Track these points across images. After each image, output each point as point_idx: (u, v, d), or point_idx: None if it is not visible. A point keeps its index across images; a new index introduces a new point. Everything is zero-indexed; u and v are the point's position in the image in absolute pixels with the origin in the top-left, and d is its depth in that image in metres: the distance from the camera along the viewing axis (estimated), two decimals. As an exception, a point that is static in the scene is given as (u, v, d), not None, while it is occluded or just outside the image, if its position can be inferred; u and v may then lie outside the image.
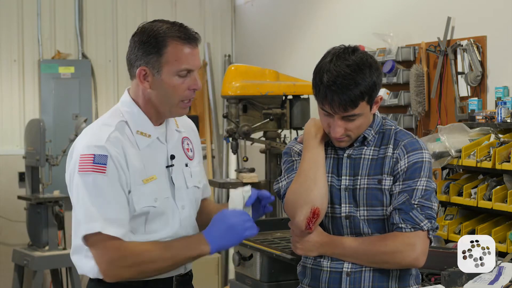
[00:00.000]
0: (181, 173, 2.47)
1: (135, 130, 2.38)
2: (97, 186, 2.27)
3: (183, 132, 2.54)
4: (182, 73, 2.34)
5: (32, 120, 6.11)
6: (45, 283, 6.36)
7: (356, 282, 2.37)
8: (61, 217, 5.92)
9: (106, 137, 2.31)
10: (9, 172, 6.55)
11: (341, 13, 5.62)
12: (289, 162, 2.47)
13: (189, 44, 2.34)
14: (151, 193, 2.37)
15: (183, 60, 2.34)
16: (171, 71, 2.34)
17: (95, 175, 2.27)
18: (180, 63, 2.33)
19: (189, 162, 2.51)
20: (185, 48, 2.34)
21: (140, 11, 7.02)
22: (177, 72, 2.34)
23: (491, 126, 3.85)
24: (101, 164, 2.28)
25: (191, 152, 2.55)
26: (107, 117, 2.43)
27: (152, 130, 2.41)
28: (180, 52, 2.33)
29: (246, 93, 5.02)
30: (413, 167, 2.33)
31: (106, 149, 2.29)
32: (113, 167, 2.29)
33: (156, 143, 2.42)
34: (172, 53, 2.33)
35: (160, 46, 2.32)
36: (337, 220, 2.39)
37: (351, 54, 2.30)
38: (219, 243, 2.35)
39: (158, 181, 2.39)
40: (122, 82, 6.97)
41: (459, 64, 4.33)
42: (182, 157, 2.50)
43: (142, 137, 2.39)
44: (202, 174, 2.59)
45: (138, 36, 2.36)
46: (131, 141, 2.36)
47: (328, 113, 2.32)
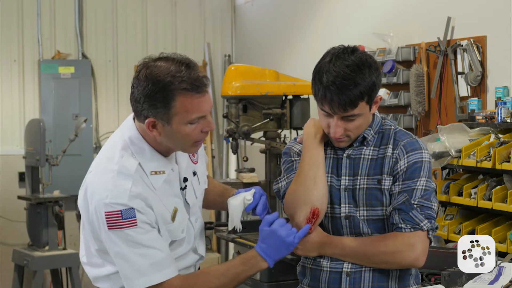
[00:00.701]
0: (191, 188, 2.47)
1: (149, 172, 2.32)
2: (134, 239, 2.25)
3: None
4: (194, 121, 2.27)
5: (32, 120, 6.11)
6: (45, 283, 6.36)
7: (356, 282, 2.37)
8: (61, 217, 5.92)
9: (127, 194, 2.25)
10: (9, 172, 6.55)
11: (341, 13, 5.62)
12: (288, 162, 2.47)
13: (198, 93, 2.24)
14: (179, 226, 2.39)
15: (193, 110, 2.25)
16: (182, 121, 2.26)
17: (128, 230, 2.25)
18: (190, 114, 2.25)
19: (195, 168, 2.51)
20: (194, 99, 2.24)
21: (140, 11, 7.03)
22: (188, 121, 2.26)
23: (491, 126, 3.85)
24: (130, 218, 2.25)
25: (196, 154, 2.53)
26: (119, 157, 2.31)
27: (165, 165, 2.36)
28: (189, 104, 2.23)
29: (246, 93, 5.01)
30: (413, 167, 2.33)
31: (129, 204, 2.25)
32: (142, 216, 2.26)
33: (170, 175, 2.39)
34: (181, 106, 2.23)
35: (167, 100, 2.22)
36: (336, 220, 2.39)
37: (351, 54, 2.29)
38: (275, 257, 2.37)
39: (179, 211, 2.39)
40: (122, 82, 6.98)
41: (459, 64, 4.33)
42: (190, 168, 2.49)
43: (157, 176, 2.34)
44: (205, 168, 2.60)
45: (142, 84, 2.24)
46: (147, 185, 2.31)
47: (328, 113, 2.31)
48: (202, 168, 2.57)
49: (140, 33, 7.02)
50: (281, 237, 2.34)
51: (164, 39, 7.10)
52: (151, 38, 7.07)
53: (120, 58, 6.96)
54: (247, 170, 5.35)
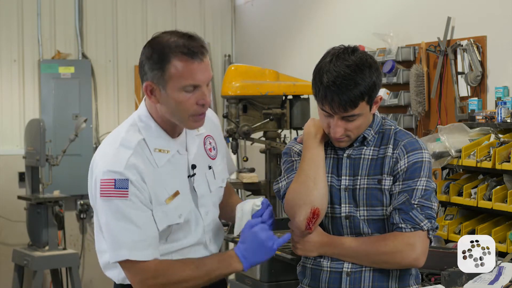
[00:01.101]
0: (203, 179, 2.46)
1: (153, 148, 2.34)
2: (121, 211, 2.27)
3: (204, 132, 2.51)
4: (188, 89, 2.27)
5: (32, 120, 6.11)
6: (45, 283, 6.36)
7: (356, 282, 2.37)
8: (61, 217, 5.92)
9: (124, 163, 2.28)
10: (9, 172, 6.55)
11: (341, 13, 5.62)
12: (289, 162, 2.47)
13: (193, 59, 2.26)
14: (175, 209, 2.36)
15: (187, 76, 2.26)
16: (176, 87, 2.27)
17: (118, 200, 2.27)
18: (184, 79, 2.26)
19: (212, 163, 2.50)
20: (189, 64, 2.26)
21: (140, 11, 7.03)
22: (182, 88, 2.27)
23: (491, 126, 3.85)
24: (122, 188, 2.26)
25: (214, 150, 2.53)
26: (125, 132, 2.36)
27: (171, 145, 2.38)
28: (183, 69, 2.25)
29: (246, 93, 5.02)
30: (413, 167, 2.33)
31: (124, 174, 2.27)
32: (135, 190, 2.27)
33: (176, 156, 2.39)
34: (176, 70, 2.25)
35: (163, 62, 2.26)
36: (337, 220, 2.39)
37: (351, 54, 2.29)
38: (252, 260, 2.36)
39: (181, 195, 2.38)
40: (122, 82, 6.98)
41: (459, 64, 4.33)
42: (205, 160, 2.48)
43: (161, 154, 2.35)
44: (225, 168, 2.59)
45: (146, 49, 2.31)
46: (149, 161, 2.33)
47: (328, 113, 2.31)
48: (220, 167, 2.55)
49: (140, 33, 7.02)
50: (261, 241, 2.34)
51: (164, 39, 7.09)
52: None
53: (120, 58, 6.96)
54: (247, 170, 5.35)
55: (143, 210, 2.29)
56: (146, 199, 2.30)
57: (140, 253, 2.28)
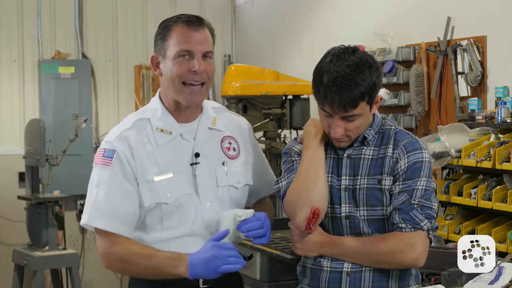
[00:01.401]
0: (210, 171, 2.47)
1: (155, 128, 2.44)
2: (100, 178, 2.40)
3: (224, 131, 2.55)
4: (183, 54, 2.39)
5: (32, 120, 6.11)
6: (45, 283, 6.35)
7: (356, 282, 2.37)
8: (61, 217, 5.92)
9: (117, 134, 2.42)
10: (9, 172, 6.55)
11: (341, 13, 5.62)
12: (289, 162, 2.47)
13: (189, 26, 2.40)
14: (163, 189, 2.39)
15: (182, 41, 2.39)
16: (172, 54, 2.39)
17: (101, 167, 2.40)
18: (179, 45, 2.39)
19: (227, 161, 2.52)
20: (185, 31, 2.40)
21: (140, 11, 7.03)
22: (177, 54, 2.39)
23: (491, 126, 3.85)
24: (108, 157, 2.40)
25: (234, 151, 2.55)
26: (134, 113, 2.52)
27: (175, 127, 2.46)
28: (180, 35, 2.40)
29: (246, 93, 5.02)
30: (413, 167, 2.33)
31: (114, 144, 2.40)
32: (118, 162, 2.38)
33: (179, 140, 2.46)
34: (173, 37, 2.40)
35: (165, 32, 2.42)
36: (337, 220, 2.39)
37: (351, 55, 2.30)
38: (196, 272, 2.33)
39: (174, 178, 2.41)
40: (122, 82, 6.98)
41: (459, 64, 4.33)
42: (218, 156, 2.51)
43: (163, 134, 2.44)
44: (247, 174, 2.57)
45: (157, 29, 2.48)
46: (148, 139, 2.43)
47: (328, 113, 2.32)
48: (239, 169, 2.54)
49: (140, 33, 7.02)
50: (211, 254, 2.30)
51: (164, 39, 7.09)
52: (151, 38, 7.01)
53: (120, 58, 6.96)
54: (247, 170, 5.34)
55: (122, 184, 2.38)
56: (129, 172, 2.38)
57: (101, 222, 2.37)
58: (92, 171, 2.44)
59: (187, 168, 2.45)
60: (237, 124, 2.62)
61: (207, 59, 2.43)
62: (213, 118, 2.55)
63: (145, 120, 2.46)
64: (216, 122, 2.55)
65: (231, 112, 2.67)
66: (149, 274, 2.38)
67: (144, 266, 2.36)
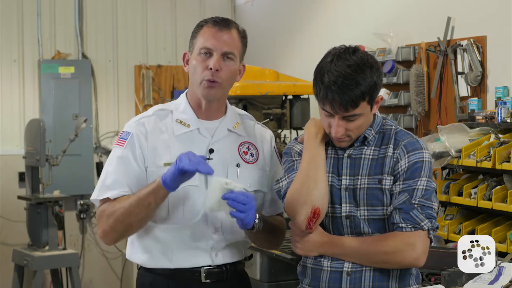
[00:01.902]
0: (222, 170, 2.50)
1: (175, 119, 2.53)
2: (112, 156, 2.51)
3: (244, 136, 2.60)
4: (203, 52, 2.46)
5: (32, 120, 6.11)
6: (45, 283, 6.35)
7: (356, 282, 2.37)
8: (61, 217, 5.92)
9: (136, 120, 2.54)
10: (9, 172, 6.54)
11: (341, 13, 5.62)
12: (289, 162, 2.47)
13: (215, 26, 2.48)
14: None
15: (206, 38, 2.47)
16: (197, 50, 2.48)
17: (116, 147, 2.52)
18: (203, 41, 2.47)
19: (243, 164, 2.55)
20: (211, 30, 2.47)
21: (140, 11, 7.03)
22: (199, 50, 2.47)
23: (491, 126, 3.85)
24: (123, 139, 2.51)
25: (252, 156, 2.59)
26: (159, 105, 2.62)
27: (194, 121, 2.53)
28: (206, 33, 2.48)
29: (246, 93, 5.01)
30: (414, 167, 2.33)
31: (131, 128, 2.51)
32: (132, 143, 2.48)
33: (195, 134, 2.52)
34: (201, 34, 2.49)
35: (196, 30, 2.52)
36: (337, 220, 2.39)
37: (352, 54, 2.30)
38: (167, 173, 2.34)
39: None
40: (122, 82, 6.98)
41: (459, 64, 4.33)
42: (233, 156, 2.54)
43: (181, 125, 2.52)
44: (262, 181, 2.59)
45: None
46: (167, 128, 2.52)
47: (329, 113, 2.32)
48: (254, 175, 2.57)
49: (140, 33, 7.02)
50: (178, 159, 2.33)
51: (164, 39, 7.10)
52: (151, 38, 7.07)
53: (120, 58, 6.96)
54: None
55: (131, 163, 2.46)
56: (139, 156, 2.47)
57: (106, 193, 2.46)
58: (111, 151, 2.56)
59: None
60: (260, 134, 2.66)
61: (227, 60, 2.48)
62: (235, 123, 2.60)
63: (167, 111, 2.56)
64: (238, 127, 2.59)
65: (257, 123, 2.71)
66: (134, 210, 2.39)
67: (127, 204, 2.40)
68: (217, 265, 2.53)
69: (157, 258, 2.51)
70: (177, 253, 2.49)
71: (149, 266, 2.54)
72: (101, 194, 2.48)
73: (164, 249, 2.50)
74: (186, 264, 2.50)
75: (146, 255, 2.53)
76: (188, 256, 2.50)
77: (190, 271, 2.50)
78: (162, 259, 2.51)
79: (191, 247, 2.50)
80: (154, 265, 2.53)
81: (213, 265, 2.52)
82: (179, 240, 2.49)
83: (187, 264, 2.50)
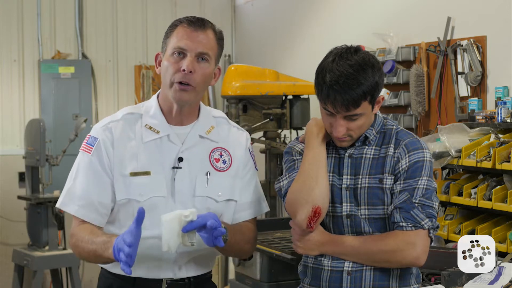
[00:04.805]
0: (191, 179, 2.42)
1: (144, 124, 2.43)
2: (79, 164, 2.43)
3: (218, 142, 2.49)
4: (176, 52, 2.37)
5: (32, 120, 6.11)
6: (45, 283, 6.36)
7: (357, 281, 2.37)
8: (61, 217, 5.92)
9: (104, 124, 2.44)
10: (9, 172, 6.55)
11: (341, 13, 5.62)
12: (290, 161, 2.47)
13: (190, 26, 2.39)
14: (137, 187, 2.37)
15: (179, 40, 2.38)
16: (170, 50, 2.39)
17: (83, 153, 2.44)
18: (176, 41, 2.38)
19: (213, 172, 2.45)
20: (186, 30, 2.38)
21: (140, 11, 7.03)
22: (172, 50, 2.38)
23: (491, 126, 3.85)
24: (90, 145, 2.42)
25: (224, 164, 2.48)
26: (130, 107, 2.52)
27: (164, 128, 2.43)
28: (179, 33, 2.39)
29: (246, 93, 5.02)
30: (414, 166, 2.34)
31: (98, 133, 2.42)
32: (98, 151, 2.40)
33: (165, 142, 2.43)
34: (174, 34, 2.40)
35: (170, 30, 2.42)
36: (338, 219, 2.40)
37: (354, 54, 2.30)
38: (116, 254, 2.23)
39: (152, 178, 2.38)
40: (122, 82, 6.98)
41: (459, 64, 4.33)
42: (203, 164, 2.45)
43: (150, 131, 2.43)
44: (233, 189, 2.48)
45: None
46: (135, 134, 2.42)
47: (330, 113, 2.32)
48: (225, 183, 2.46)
49: (140, 33, 7.03)
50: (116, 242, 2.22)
51: (164, 39, 7.10)
52: (151, 38, 7.08)
53: (120, 58, 6.96)
54: (247, 170, 5.34)
55: (98, 173, 2.39)
56: (106, 163, 2.39)
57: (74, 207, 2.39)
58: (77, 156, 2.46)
59: (168, 170, 2.41)
60: (236, 138, 2.55)
61: (201, 62, 2.38)
62: (209, 127, 2.49)
63: (137, 114, 2.46)
64: (211, 132, 2.49)
65: (234, 125, 2.60)
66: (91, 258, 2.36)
67: (87, 250, 2.34)
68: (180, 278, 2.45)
69: (117, 266, 2.27)
70: (138, 263, 2.28)
71: (111, 271, 2.47)
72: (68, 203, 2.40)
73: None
74: (147, 275, 2.42)
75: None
76: (149, 268, 2.42)
77: (151, 281, 2.42)
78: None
79: (153, 259, 2.40)
80: (115, 271, 2.45)
81: (175, 278, 2.44)
82: (142, 251, 2.27)
83: (148, 276, 2.42)
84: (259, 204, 2.58)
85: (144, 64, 6.99)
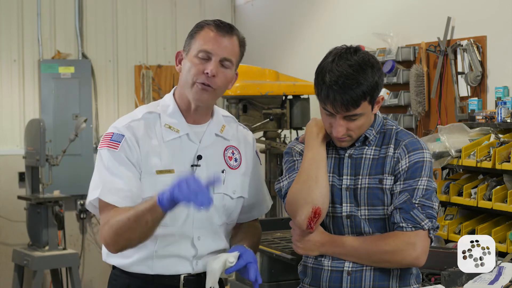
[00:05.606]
0: (209, 177, 2.40)
1: (164, 123, 2.45)
2: (107, 159, 2.40)
3: (230, 140, 2.55)
4: (201, 55, 2.39)
5: (32, 120, 6.11)
6: (45, 283, 6.36)
7: (357, 281, 2.37)
8: (61, 217, 5.92)
9: (126, 123, 2.43)
10: (9, 172, 6.55)
11: (341, 13, 5.62)
12: (290, 161, 2.47)
13: (218, 31, 2.40)
14: (163, 185, 2.35)
15: (205, 42, 2.39)
16: (194, 51, 2.40)
17: (109, 150, 2.41)
18: (201, 44, 2.39)
19: (227, 170, 2.51)
20: (213, 33, 2.40)
21: (140, 11, 7.03)
22: (197, 52, 2.39)
23: (491, 126, 3.85)
24: (116, 141, 2.41)
25: (236, 162, 2.54)
26: (145, 106, 2.53)
27: (183, 126, 2.46)
28: (207, 36, 2.40)
29: (246, 93, 5.02)
30: (414, 167, 2.34)
31: (122, 131, 2.42)
32: (126, 146, 2.40)
33: (185, 140, 2.46)
34: (201, 36, 2.41)
35: (196, 30, 2.44)
36: (338, 220, 2.40)
37: (353, 54, 2.30)
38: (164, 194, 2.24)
39: (175, 176, 2.39)
40: (122, 82, 6.98)
41: (459, 64, 4.33)
42: (219, 162, 2.50)
43: (170, 130, 2.45)
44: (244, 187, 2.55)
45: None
46: (156, 133, 2.45)
47: (330, 113, 2.32)
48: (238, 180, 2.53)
49: (140, 33, 7.03)
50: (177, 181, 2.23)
51: (164, 39, 7.10)
52: (151, 38, 7.08)
53: (120, 58, 6.96)
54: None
55: (128, 166, 2.39)
56: (135, 159, 2.40)
57: (111, 197, 2.37)
58: (98, 154, 2.44)
59: (187, 168, 2.45)
60: (243, 136, 2.62)
61: (224, 67, 2.41)
62: (222, 126, 2.54)
63: (155, 114, 2.47)
64: (224, 130, 2.55)
65: (240, 124, 2.66)
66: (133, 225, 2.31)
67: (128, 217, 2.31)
68: (197, 273, 2.47)
69: (137, 265, 2.44)
70: (158, 261, 2.43)
71: (128, 270, 2.48)
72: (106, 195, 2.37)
73: (145, 256, 2.44)
74: (166, 271, 2.45)
75: (126, 260, 2.46)
76: (169, 265, 2.45)
77: (169, 277, 2.45)
78: (142, 266, 2.45)
79: (172, 255, 2.44)
80: (133, 270, 2.47)
81: (193, 273, 2.47)
82: (161, 248, 2.42)
83: (167, 272, 2.44)
84: (265, 201, 2.66)
85: (144, 64, 6.98)
